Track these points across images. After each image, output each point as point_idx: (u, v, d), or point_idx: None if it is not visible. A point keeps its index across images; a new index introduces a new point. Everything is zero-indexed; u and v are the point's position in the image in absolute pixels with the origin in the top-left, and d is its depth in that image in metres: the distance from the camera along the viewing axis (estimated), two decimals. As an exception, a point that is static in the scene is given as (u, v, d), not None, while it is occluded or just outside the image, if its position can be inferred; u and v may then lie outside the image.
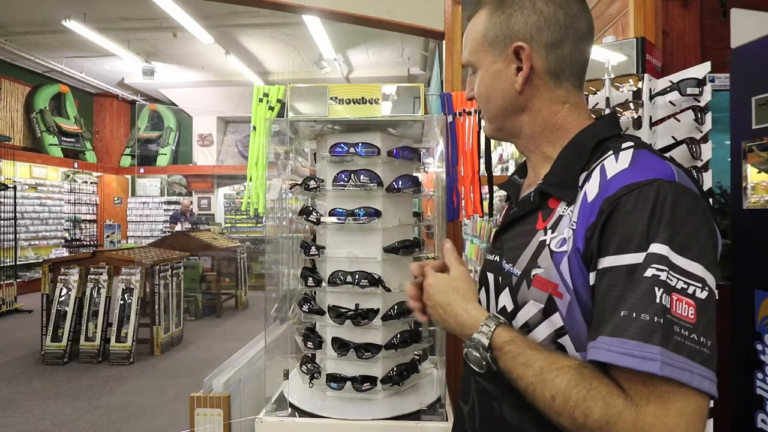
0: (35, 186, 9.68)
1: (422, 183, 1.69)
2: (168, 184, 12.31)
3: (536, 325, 0.71)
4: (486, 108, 0.85)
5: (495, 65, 0.80)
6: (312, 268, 1.67)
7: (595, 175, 0.69)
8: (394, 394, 1.60)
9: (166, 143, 12.13)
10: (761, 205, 1.27)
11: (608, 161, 0.69)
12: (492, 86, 0.81)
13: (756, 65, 1.28)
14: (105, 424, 3.48)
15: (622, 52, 1.36)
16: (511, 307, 0.76)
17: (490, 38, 0.79)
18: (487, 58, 0.80)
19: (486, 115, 0.86)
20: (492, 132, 0.88)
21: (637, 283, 0.58)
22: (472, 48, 0.82)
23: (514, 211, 0.82)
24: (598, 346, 0.60)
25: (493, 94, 0.81)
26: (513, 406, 0.74)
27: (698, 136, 1.24)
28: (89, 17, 7.42)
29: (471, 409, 0.85)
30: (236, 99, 10.92)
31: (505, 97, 0.81)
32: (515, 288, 0.75)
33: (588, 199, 0.68)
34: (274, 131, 1.71)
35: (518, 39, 0.76)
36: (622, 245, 0.61)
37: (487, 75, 0.81)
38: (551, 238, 0.71)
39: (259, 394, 1.67)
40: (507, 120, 0.83)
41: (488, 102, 0.83)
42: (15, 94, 9.62)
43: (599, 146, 0.74)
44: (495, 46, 0.79)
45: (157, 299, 5.19)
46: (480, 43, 0.81)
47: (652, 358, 0.55)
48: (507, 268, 0.78)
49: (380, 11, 2.30)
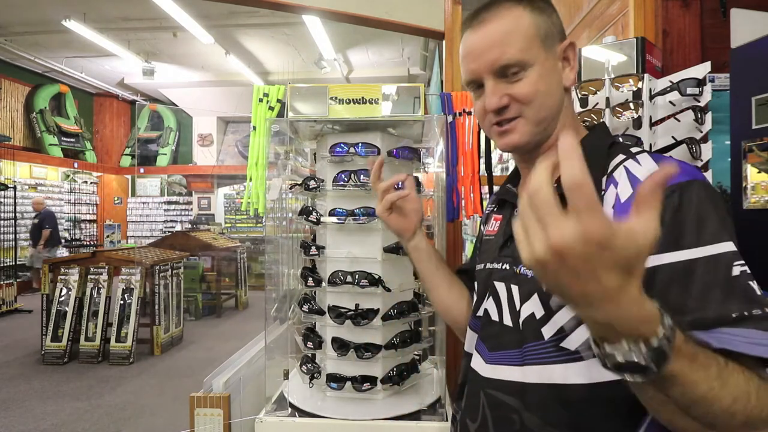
0: (35, 186, 9.68)
1: (422, 183, 1.69)
2: (168, 184, 12.31)
3: (573, 330, 0.70)
4: (538, 109, 0.78)
5: (549, 62, 0.78)
6: (312, 268, 1.67)
7: (622, 178, 0.71)
8: (394, 394, 1.60)
9: (166, 143, 12.14)
10: (761, 205, 1.27)
11: (630, 164, 0.72)
12: (549, 83, 0.78)
13: (756, 65, 1.28)
14: (105, 424, 3.48)
15: (622, 52, 1.36)
16: (541, 314, 0.74)
17: (542, 34, 0.77)
18: (542, 55, 0.77)
19: (533, 119, 0.79)
20: (532, 136, 0.80)
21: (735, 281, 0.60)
22: (523, 45, 0.76)
23: None
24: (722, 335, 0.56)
25: (549, 92, 0.79)
26: (540, 417, 0.72)
27: (698, 136, 1.24)
28: (89, 17, 7.43)
29: (482, 425, 0.81)
30: (236, 99, 10.92)
31: (558, 95, 0.80)
32: (546, 293, 0.72)
33: (621, 200, 0.69)
34: (274, 131, 1.71)
35: (563, 36, 0.80)
36: (679, 241, 0.62)
37: (545, 71, 0.78)
38: None
39: (259, 394, 1.67)
40: (552, 121, 0.81)
41: (545, 100, 0.78)
42: (15, 94, 9.62)
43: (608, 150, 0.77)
44: (547, 43, 0.78)
45: (157, 299, 5.19)
46: (533, 39, 0.77)
47: None
48: (530, 274, 0.75)
49: (380, 11, 2.30)
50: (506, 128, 0.80)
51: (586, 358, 0.70)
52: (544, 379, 0.72)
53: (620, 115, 1.30)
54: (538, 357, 0.73)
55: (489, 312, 0.84)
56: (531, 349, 0.74)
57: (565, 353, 0.71)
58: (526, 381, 0.74)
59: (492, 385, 0.79)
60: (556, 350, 0.72)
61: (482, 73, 0.78)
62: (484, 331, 0.85)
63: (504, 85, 0.78)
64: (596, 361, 0.67)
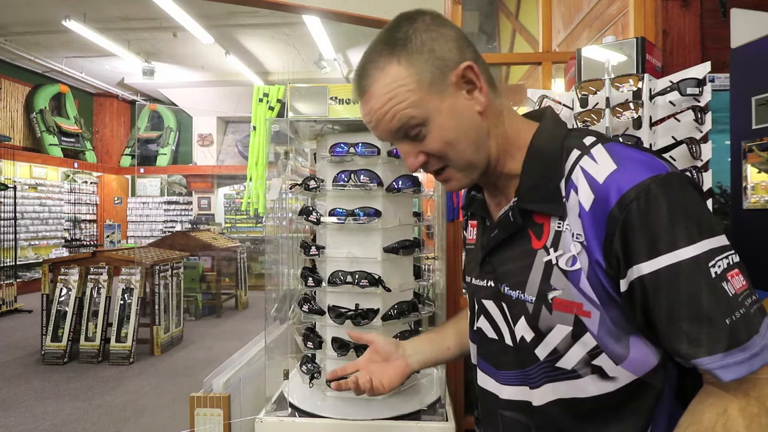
0: (35, 186, 9.68)
1: (422, 183, 1.69)
2: (168, 184, 12.31)
3: (567, 350, 0.69)
4: (459, 155, 0.72)
5: (446, 103, 0.70)
6: (312, 268, 1.67)
7: (581, 182, 0.67)
8: (394, 394, 1.59)
9: (166, 143, 12.14)
10: (761, 205, 1.27)
11: (586, 163, 0.67)
12: (458, 124, 0.71)
13: (756, 65, 1.28)
14: (105, 424, 3.48)
15: (622, 52, 1.36)
16: (531, 336, 0.72)
17: (427, 80, 0.69)
18: (434, 102, 0.70)
19: (459, 165, 0.73)
20: (467, 179, 0.76)
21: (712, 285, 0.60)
22: (408, 102, 0.69)
23: (496, 234, 0.77)
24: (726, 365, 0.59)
25: (463, 132, 0.71)
26: None
27: (698, 136, 1.24)
28: (89, 17, 7.43)
29: None
30: (236, 99, 10.92)
31: (474, 128, 0.72)
32: (533, 315, 0.70)
33: (585, 208, 0.65)
34: (274, 131, 1.71)
35: (455, 63, 0.70)
36: (653, 248, 0.61)
37: (447, 116, 0.70)
38: (557, 257, 0.68)
39: (259, 394, 1.67)
40: (481, 155, 0.74)
41: (460, 144, 0.71)
42: (15, 94, 9.62)
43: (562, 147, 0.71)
44: (435, 85, 0.69)
45: (157, 299, 5.19)
46: (417, 92, 0.69)
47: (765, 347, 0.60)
48: (515, 296, 0.73)
49: (380, 11, 2.30)
50: (442, 177, 0.76)
51: (584, 376, 0.69)
52: (548, 397, 0.72)
53: (620, 115, 1.30)
54: (539, 377, 0.73)
55: (483, 330, 0.82)
56: (531, 370, 0.73)
57: (562, 372, 0.70)
58: (533, 401, 0.74)
59: (505, 405, 0.78)
60: (553, 370, 0.71)
61: (388, 140, 0.75)
62: (484, 348, 0.84)
63: (413, 144, 0.73)
64: (596, 377, 0.67)
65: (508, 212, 0.75)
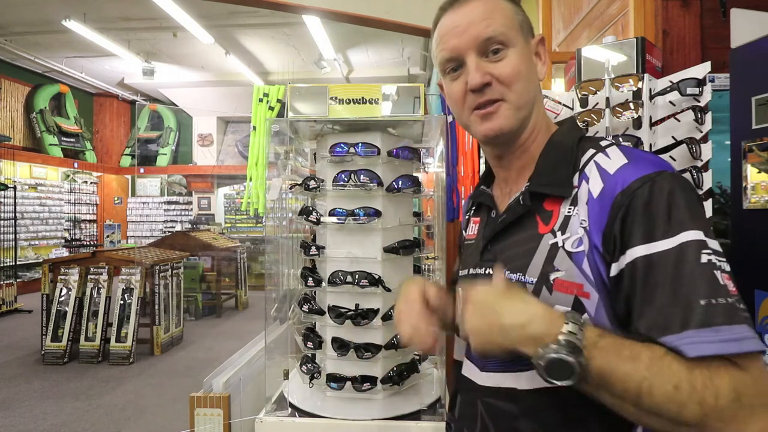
0: (35, 186, 9.68)
1: (422, 183, 1.69)
2: (168, 184, 12.31)
3: None
4: (520, 93, 0.76)
5: (526, 49, 0.77)
6: (312, 268, 1.67)
7: (593, 173, 0.70)
8: (394, 394, 1.59)
9: (166, 143, 12.14)
10: (761, 205, 1.27)
11: (600, 158, 0.71)
12: (530, 68, 0.77)
13: (756, 65, 1.28)
14: (105, 424, 3.47)
15: (622, 52, 1.36)
16: None
17: (519, 22, 0.77)
18: (520, 40, 0.77)
19: (517, 100, 0.76)
20: (516, 122, 0.77)
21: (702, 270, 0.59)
22: (504, 23, 0.75)
23: (504, 218, 0.78)
24: (694, 340, 0.56)
25: (531, 77, 0.77)
26: (536, 422, 0.71)
27: (698, 136, 1.24)
28: (89, 17, 7.43)
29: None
30: (236, 99, 10.92)
31: (535, 85, 0.79)
32: (533, 296, 0.70)
33: (593, 195, 0.68)
34: (274, 131, 1.71)
35: (533, 33, 0.80)
36: (651, 233, 0.62)
37: (525, 56, 0.77)
38: (564, 240, 0.70)
39: (259, 394, 1.67)
40: (531, 109, 0.79)
41: (525, 83, 0.76)
42: (15, 94, 9.62)
43: (578, 145, 0.76)
44: (523, 31, 0.78)
45: (157, 299, 5.19)
46: (512, 22, 0.77)
47: (745, 337, 0.56)
48: (515, 278, 0.73)
49: (380, 11, 2.30)
50: (489, 110, 0.76)
51: None
52: (535, 384, 0.71)
53: (620, 115, 1.30)
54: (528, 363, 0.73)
55: None
56: None
57: None
58: (519, 387, 0.73)
59: (489, 393, 0.78)
60: None
61: (465, 49, 0.75)
62: None
63: (486, 64, 0.75)
64: None
65: (518, 197, 0.78)
